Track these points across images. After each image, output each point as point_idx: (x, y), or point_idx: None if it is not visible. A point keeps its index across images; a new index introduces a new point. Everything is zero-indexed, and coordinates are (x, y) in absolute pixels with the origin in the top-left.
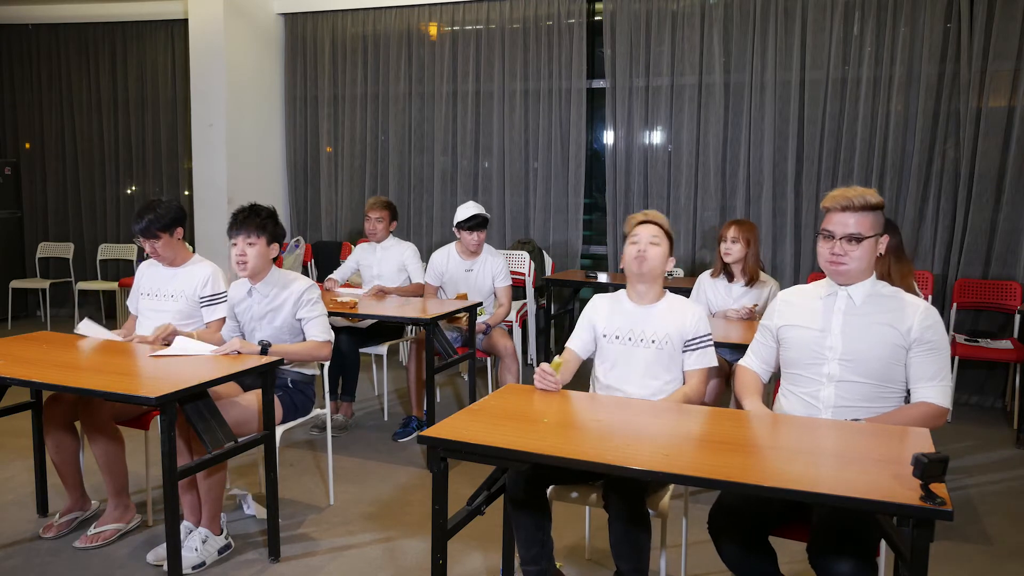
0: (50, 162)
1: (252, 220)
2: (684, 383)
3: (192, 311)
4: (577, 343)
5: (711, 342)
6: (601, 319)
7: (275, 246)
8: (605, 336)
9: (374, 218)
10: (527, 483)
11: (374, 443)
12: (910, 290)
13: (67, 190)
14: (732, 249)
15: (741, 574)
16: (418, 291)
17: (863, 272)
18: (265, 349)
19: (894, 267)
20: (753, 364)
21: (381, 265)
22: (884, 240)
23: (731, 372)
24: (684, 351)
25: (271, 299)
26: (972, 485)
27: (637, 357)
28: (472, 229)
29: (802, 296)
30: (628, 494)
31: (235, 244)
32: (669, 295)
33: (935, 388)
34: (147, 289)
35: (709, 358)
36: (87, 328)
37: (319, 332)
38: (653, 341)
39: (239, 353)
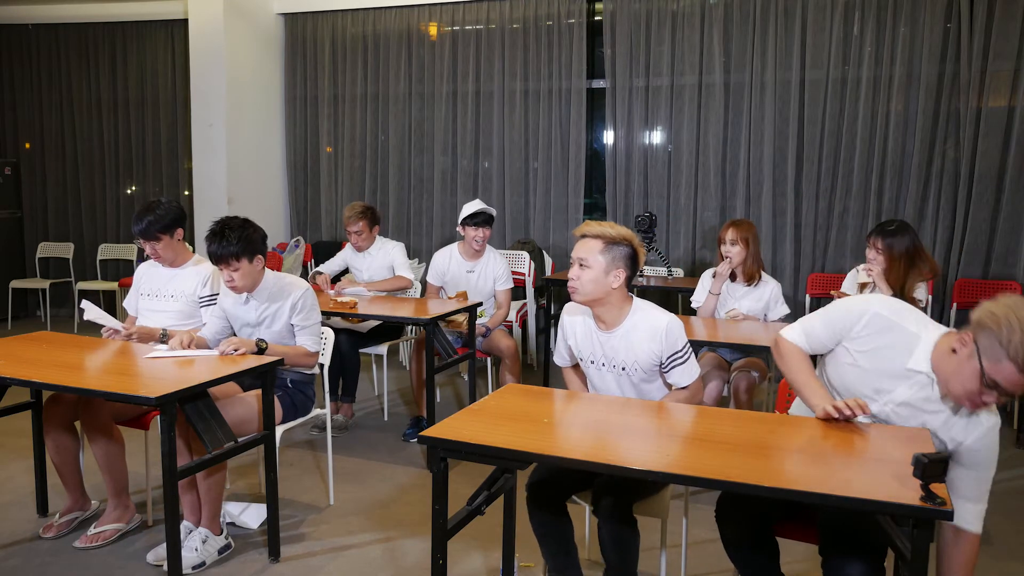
0: (50, 162)
1: (227, 246)
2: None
3: (192, 311)
4: (561, 359)
5: (688, 354)
6: (573, 338)
7: (259, 258)
8: (582, 359)
9: (354, 231)
10: (548, 497)
11: (374, 443)
12: (911, 298)
13: (67, 190)
14: (732, 251)
15: (743, 566)
16: (399, 284)
17: None
18: (262, 350)
19: (909, 272)
20: (803, 345)
21: (371, 271)
22: None
23: (731, 372)
24: (664, 372)
25: (268, 306)
26: None
27: (608, 381)
28: (477, 225)
29: (890, 340)
30: (616, 498)
31: (222, 271)
32: (636, 310)
33: (977, 514)
34: (147, 289)
35: (691, 371)
36: (90, 310)
37: (309, 342)
38: (624, 368)
39: (238, 351)
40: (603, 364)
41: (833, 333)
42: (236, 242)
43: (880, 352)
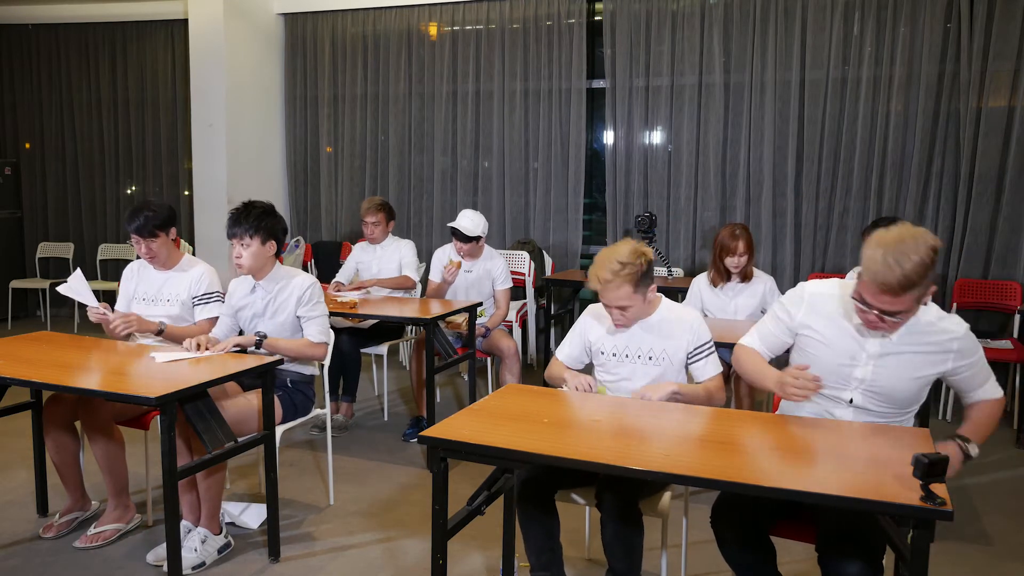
0: (50, 162)
1: (244, 222)
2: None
3: (188, 314)
4: (565, 355)
5: (714, 350)
6: (595, 335)
7: (272, 243)
8: (603, 353)
9: (371, 222)
10: (536, 490)
11: (374, 443)
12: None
13: (67, 190)
14: (742, 262)
15: (739, 568)
16: (403, 283)
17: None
18: (260, 341)
19: None
20: (757, 347)
21: (380, 263)
22: (931, 292)
23: (731, 372)
24: (690, 363)
25: (274, 295)
26: (972, 485)
27: (636, 373)
28: (455, 238)
29: (834, 306)
30: (621, 494)
31: (233, 245)
32: (664, 305)
33: (990, 387)
34: (142, 294)
35: (716, 364)
36: (73, 285)
37: (316, 333)
38: (650, 358)
39: (241, 348)
40: (626, 355)
41: (784, 328)
42: (254, 220)
43: (832, 323)
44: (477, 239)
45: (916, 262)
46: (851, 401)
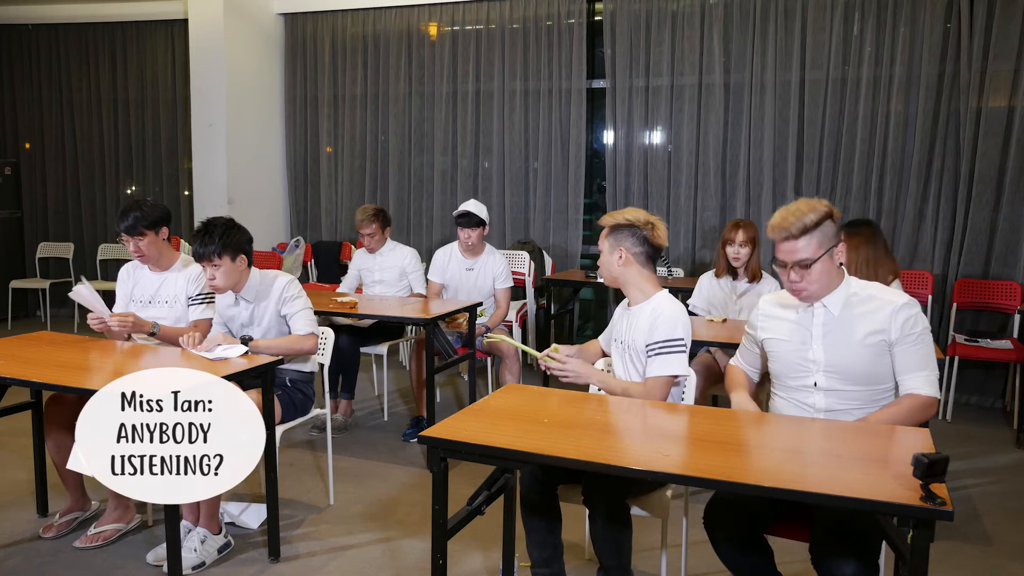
0: (50, 162)
1: (209, 243)
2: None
3: (187, 315)
4: (602, 338)
5: (676, 349)
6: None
7: (242, 257)
8: (614, 339)
9: (367, 234)
10: (539, 486)
11: (374, 443)
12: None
13: (67, 190)
14: (741, 253)
15: (736, 569)
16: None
17: (829, 285)
18: (246, 342)
19: (869, 269)
20: (742, 365)
21: (383, 271)
22: (841, 249)
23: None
24: (647, 356)
25: (256, 304)
26: (972, 485)
27: (616, 359)
28: (463, 226)
29: (781, 307)
30: (607, 492)
31: (205, 268)
32: (658, 299)
33: (921, 378)
34: (139, 296)
35: (669, 366)
36: (82, 292)
37: (302, 326)
38: (628, 346)
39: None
40: (620, 341)
41: (754, 344)
42: (218, 240)
43: (782, 321)
44: (484, 224)
45: (808, 213)
46: (816, 384)
